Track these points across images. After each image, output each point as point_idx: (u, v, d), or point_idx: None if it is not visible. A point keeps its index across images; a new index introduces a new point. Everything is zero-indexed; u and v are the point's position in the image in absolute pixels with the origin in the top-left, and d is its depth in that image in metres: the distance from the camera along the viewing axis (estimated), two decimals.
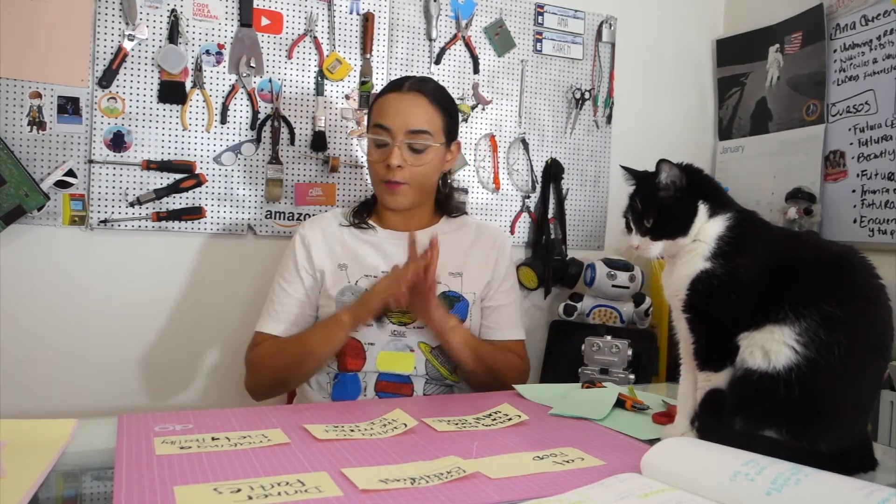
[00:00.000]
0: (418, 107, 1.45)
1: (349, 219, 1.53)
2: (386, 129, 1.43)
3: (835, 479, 0.74)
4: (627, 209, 1.03)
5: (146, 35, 1.71)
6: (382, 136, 1.44)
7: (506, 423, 1.12)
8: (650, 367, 1.97)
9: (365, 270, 1.46)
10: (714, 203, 0.98)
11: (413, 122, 1.43)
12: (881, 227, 1.85)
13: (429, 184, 1.50)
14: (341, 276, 1.46)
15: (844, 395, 0.89)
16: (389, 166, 1.42)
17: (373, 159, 1.46)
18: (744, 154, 2.28)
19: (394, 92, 1.46)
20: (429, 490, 0.80)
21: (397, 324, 1.44)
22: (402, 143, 1.42)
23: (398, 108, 1.44)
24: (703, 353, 0.97)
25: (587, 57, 2.21)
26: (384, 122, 1.43)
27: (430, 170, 1.47)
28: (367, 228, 1.51)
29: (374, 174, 1.48)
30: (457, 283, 1.50)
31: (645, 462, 0.86)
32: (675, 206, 0.98)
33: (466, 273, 1.51)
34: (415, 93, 1.46)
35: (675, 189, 0.98)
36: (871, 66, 1.89)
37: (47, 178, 1.64)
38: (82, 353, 1.72)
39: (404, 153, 1.42)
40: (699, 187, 0.99)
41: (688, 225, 0.96)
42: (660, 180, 0.98)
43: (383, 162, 1.43)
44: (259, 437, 0.99)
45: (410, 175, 1.44)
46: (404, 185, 1.44)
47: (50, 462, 0.85)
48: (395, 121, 1.42)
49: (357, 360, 1.43)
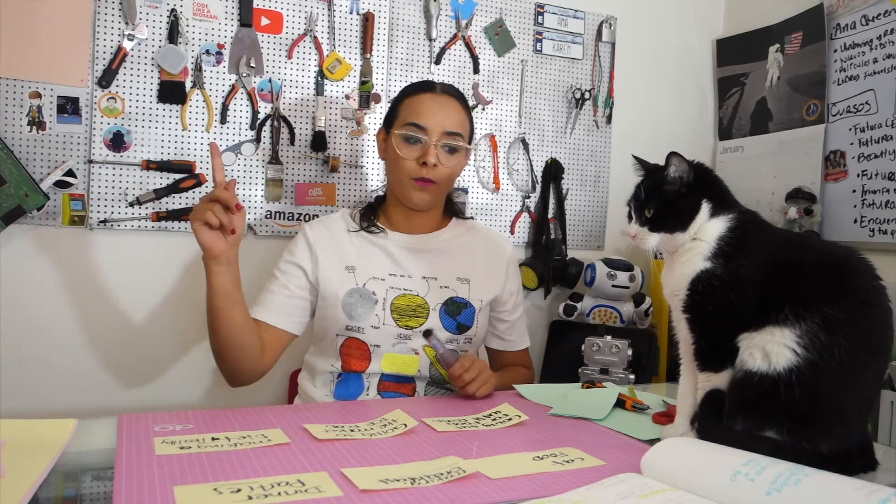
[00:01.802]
0: (453, 109, 1.47)
1: (357, 221, 1.52)
2: (422, 128, 1.44)
3: (835, 479, 0.74)
4: (631, 197, 1.03)
5: (146, 35, 1.71)
6: (418, 133, 1.44)
7: (506, 423, 1.12)
8: (650, 367, 1.97)
9: (373, 273, 1.46)
10: (718, 203, 0.98)
11: (449, 123, 1.45)
12: (881, 227, 1.85)
13: (451, 185, 1.53)
14: (349, 277, 1.45)
15: (845, 396, 0.89)
16: (426, 164, 1.42)
17: (404, 156, 1.45)
18: (744, 154, 2.28)
19: (427, 92, 1.48)
20: (429, 490, 0.81)
21: (403, 327, 1.44)
22: (439, 143, 1.44)
23: (434, 108, 1.45)
24: (704, 353, 0.97)
25: (587, 57, 2.21)
26: (420, 121, 1.44)
27: (459, 170, 1.51)
28: (378, 232, 1.51)
29: (401, 171, 1.46)
30: (464, 289, 1.50)
31: (645, 462, 0.86)
32: (679, 200, 0.97)
33: (474, 280, 1.51)
34: (448, 95, 1.49)
35: (681, 184, 0.98)
36: (872, 66, 1.89)
37: (47, 178, 1.64)
38: (82, 353, 1.72)
39: (439, 152, 1.44)
40: (706, 186, 0.99)
41: (688, 221, 0.97)
42: (668, 173, 0.98)
43: (417, 159, 1.44)
44: (259, 437, 0.99)
45: (441, 175, 1.45)
46: (435, 184, 1.45)
47: (50, 462, 0.85)
48: (431, 120, 1.44)
49: (362, 362, 1.44)
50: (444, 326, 1.46)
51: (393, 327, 1.43)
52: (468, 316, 1.49)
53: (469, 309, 1.49)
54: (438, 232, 1.55)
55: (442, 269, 1.50)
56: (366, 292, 1.44)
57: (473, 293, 1.50)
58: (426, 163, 1.42)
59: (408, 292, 1.46)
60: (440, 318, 1.46)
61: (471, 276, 1.51)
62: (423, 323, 1.45)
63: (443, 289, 1.48)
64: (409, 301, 1.45)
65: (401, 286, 1.46)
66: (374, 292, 1.44)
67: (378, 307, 1.43)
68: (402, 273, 1.47)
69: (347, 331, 1.44)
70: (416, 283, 1.47)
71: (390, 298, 1.44)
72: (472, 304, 1.50)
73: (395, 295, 1.45)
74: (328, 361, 1.46)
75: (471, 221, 1.63)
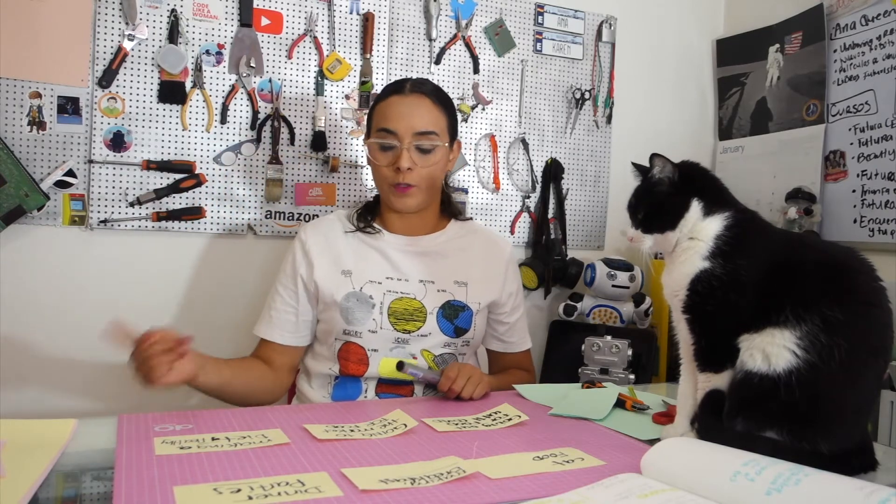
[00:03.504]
0: (422, 107, 1.44)
1: (354, 222, 1.51)
2: (392, 133, 1.41)
3: (835, 479, 0.74)
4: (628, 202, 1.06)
5: (146, 35, 1.71)
6: (388, 139, 1.42)
7: (506, 423, 1.12)
8: (650, 367, 1.97)
9: (370, 276, 1.45)
10: (711, 201, 0.98)
11: (419, 123, 1.42)
12: (881, 227, 1.85)
13: (436, 184, 1.49)
14: (345, 282, 1.44)
15: (845, 397, 0.89)
16: (399, 169, 1.40)
17: (379, 163, 1.44)
18: (744, 154, 2.28)
19: (395, 95, 1.45)
20: (429, 490, 0.81)
21: (401, 331, 1.43)
22: (411, 146, 1.41)
23: (402, 110, 1.42)
24: (704, 354, 0.97)
25: (587, 57, 2.21)
26: (389, 125, 1.42)
27: (438, 169, 1.47)
28: (374, 233, 1.50)
29: (380, 178, 1.46)
30: (462, 292, 1.49)
31: (645, 462, 0.86)
32: (667, 200, 0.99)
33: (472, 283, 1.50)
34: (417, 94, 1.44)
35: (668, 184, 0.99)
36: (871, 66, 1.89)
37: (47, 178, 1.64)
38: (82, 353, 1.72)
39: (413, 155, 1.41)
40: (694, 184, 0.99)
41: (676, 220, 0.97)
42: (653, 174, 1.00)
43: (391, 165, 1.42)
44: (259, 437, 0.99)
45: (420, 176, 1.43)
46: (414, 188, 1.43)
47: (50, 462, 0.85)
48: (400, 124, 1.41)
49: (360, 366, 1.43)
50: (441, 330, 1.45)
51: (390, 331, 1.43)
52: (466, 319, 1.48)
53: (466, 312, 1.48)
54: (436, 234, 1.53)
55: (439, 272, 1.48)
56: (363, 296, 1.43)
57: (471, 296, 1.49)
58: (399, 168, 1.40)
59: (405, 296, 1.45)
60: (437, 322, 1.45)
61: (468, 278, 1.50)
62: (420, 327, 1.44)
63: (440, 292, 1.47)
64: (407, 305, 1.44)
65: (398, 290, 1.45)
66: (372, 296, 1.43)
67: (375, 311, 1.43)
68: (399, 276, 1.46)
69: (345, 335, 1.43)
70: (414, 286, 1.46)
71: (387, 302, 1.44)
72: (470, 307, 1.49)
73: (392, 298, 1.44)
74: (326, 364, 1.46)
75: (470, 223, 1.61)
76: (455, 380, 1.28)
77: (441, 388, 1.29)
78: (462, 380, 1.29)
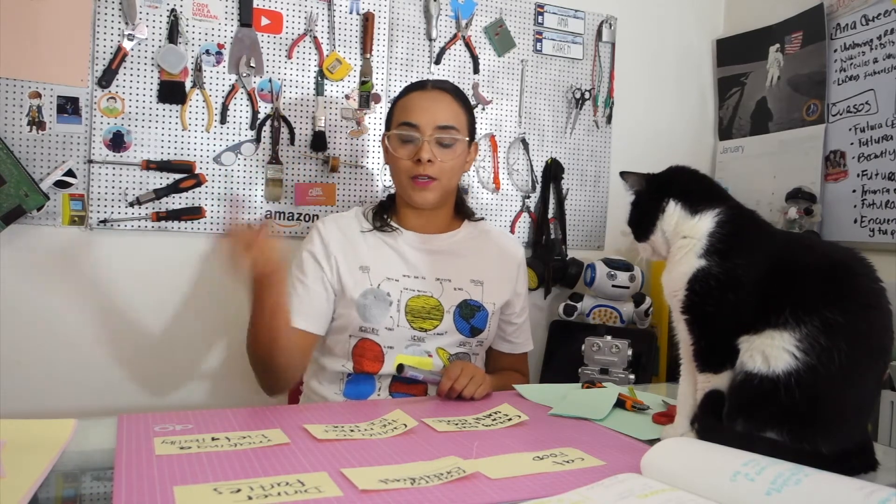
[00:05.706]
0: (444, 103, 1.46)
1: (370, 220, 1.51)
2: (414, 126, 1.43)
3: (835, 479, 0.74)
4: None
5: (146, 35, 1.71)
6: (410, 132, 1.44)
7: (506, 424, 1.12)
8: (650, 367, 1.97)
9: (387, 273, 1.45)
10: (696, 200, 1.00)
11: (441, 117, 1.44)
12: (881, 227, 1.85)
13: (454, 181, 1.50)
14: (363, 278, 1.44)
15: (845, 398, 0.89)
16: (420, 161, 1.41)
17: (400, 156, 1.45)
18: (744, 154, 2.28)
19: (417, 91, 1.48)
20: (429, 490, 0.80)
21: (418, 329, 1.43)
22: (432, 139, 1.43)
23: (424, 105, 1.45)
24: (703, 354, 0.97)
25: (587, 57, 2.21)
26: (412, 119, 1.44)
27: (458, 165, 1.48)
28: (392, 231, 1.50)
29: (400, 172, 1.46)
30: (478, 291, 1.49)
31: (645, 462, 0.86)
32: (643, 207, 1.06)
33: (487, 283, 1.51)
34: (439, 90, 1.48)
35: (640, 194, 1.06)
36: (872, 66, 1.89)
37: (47, 178, 1.64)
38: (82, 353, 1.72)
39: (433, 148, 1.43)
40: (667, 187, 1.03)
41: (652, 223, 1.03)
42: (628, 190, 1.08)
43: (412, 158, 1.43)
44: (259, 437, 0.99)
45: (440, 170, 1.43)
46: (434, 181, 1.44)
47: (50, 462, 0.85)
48: (423, 117, 1.43)
49: (375, 364, 1.43)
50: (457, 329, 1.45)
51: (407, 329, 1.43)
52: (482, 319, 1.48)
53: (482, 312, 1.48)
54: (451, 233, 1.54)
55: (455, 271, 1.49)
56: (380, 293, 1.43)
57: (487, 296, 1.50)
58: (420, 160, 1.41)
59: (422, 294, 1.45)
60: (454, 321, 1.45)
61: (484, 278, 1.50)
62: (436, 325, 1.44)
63: (457, 291, 1.47)
64: (424, 303, 1.45)
65: (415, 287, 1.45)
66: (389, 293, 1.43)
67: (392, 308, 1.42)
68: (415, 274, 1.46)
69: (361, 332, 1.43)
70: (430, 284, 1.46)
71: (405, 300, 1.44)
72: (486, 307, 1.49)
73: (409, 296, 1.44)
74: (339, 361, 1.45)
75: (482, 223, 1.61)
76: (458, 378, 1.28)
77: (442, 387, 1.29)
78: (464, 379, 1.28)
